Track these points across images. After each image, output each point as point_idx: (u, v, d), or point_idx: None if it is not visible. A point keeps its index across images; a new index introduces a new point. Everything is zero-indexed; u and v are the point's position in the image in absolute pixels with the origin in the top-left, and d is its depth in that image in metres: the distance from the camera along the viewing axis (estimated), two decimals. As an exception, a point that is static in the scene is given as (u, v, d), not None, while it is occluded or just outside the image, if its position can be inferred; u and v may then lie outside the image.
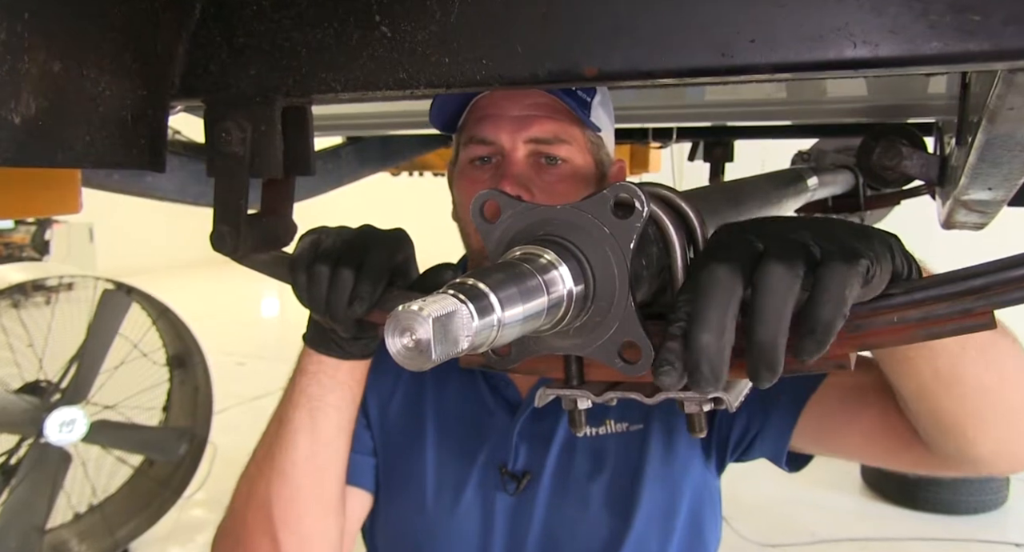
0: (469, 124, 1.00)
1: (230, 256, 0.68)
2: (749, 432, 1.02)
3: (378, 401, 1.09)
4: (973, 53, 0.44)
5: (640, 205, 0.42)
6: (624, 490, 1.04)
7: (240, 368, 6.03)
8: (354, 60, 0.61)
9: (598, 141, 1.02)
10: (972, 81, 0.83)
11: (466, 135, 1.00)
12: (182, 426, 3.44)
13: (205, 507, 3.81)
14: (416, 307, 0.34)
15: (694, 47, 0.50)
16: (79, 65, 0.62)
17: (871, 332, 0.49)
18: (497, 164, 0.98)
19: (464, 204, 1.01)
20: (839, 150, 2.18)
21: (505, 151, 0.96)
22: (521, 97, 0.96)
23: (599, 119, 1.00)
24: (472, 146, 0.98)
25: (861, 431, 0.93)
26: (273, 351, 6.57)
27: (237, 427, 4.69)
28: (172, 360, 3.49)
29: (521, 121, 0.96)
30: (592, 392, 0.55)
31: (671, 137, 2.12)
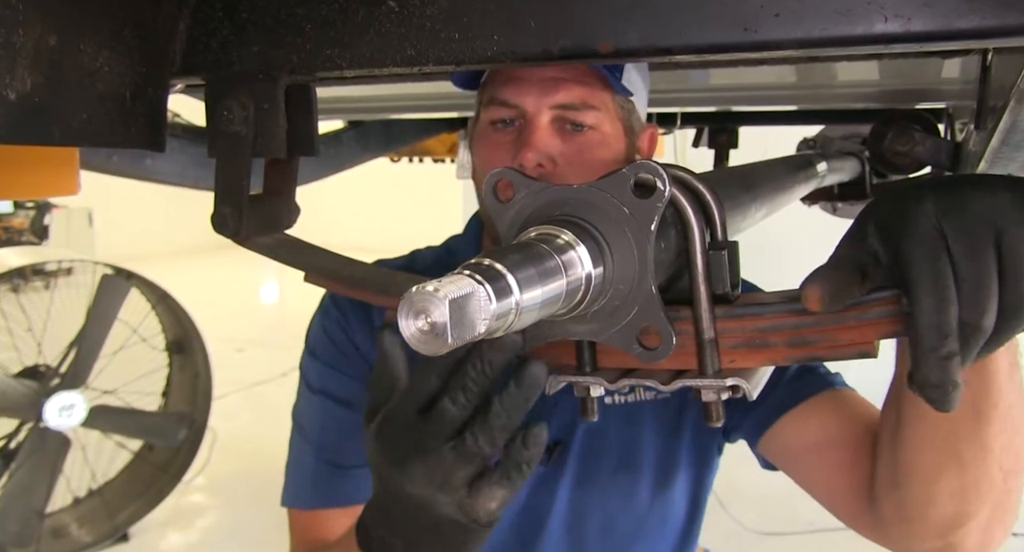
0: (492, 84, 0.94)
1: (232, 238, 0.66)
2: (732, 421, 1.03)
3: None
4: (1011, 27, 0.42)
5: (662, 185, 0.40)
6: (662, 456, 1.04)
7: (239, 354, 6.02)
8: (360, 36, 0.59)
9: (629, 106, 0.97)
10: (993, 64, 0.81)
11: (488, 95, 0.94)
12: (182, 411, 3.44)
13: (204, 492, 3.82)
14: (431, 288, 0.32)
15: (715, 22, 0.48)
16: (76, 39, 0.60)
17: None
18: (520, 128, 0.93)
19: (481, 166, 0.97)
20: (845, 137, 2.15)
21: (528, 116, 0.91)
22: None
23: (631, 82, 0.95)
24: (494, 108, 0.93)
25: (828, 462, 0.91)
26: (273, 337, 6.55)
27: (236, 413, 4.72)
28: (171, 345, 3.48)
29: (548, 85, 0.90)
30: (606, 379, 0.53)
31: (675, 123, 2.09)
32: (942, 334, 0.44)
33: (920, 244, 0.45)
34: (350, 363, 1.05)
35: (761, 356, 0.51)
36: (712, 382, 0.50)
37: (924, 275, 0.45)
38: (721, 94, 1.50)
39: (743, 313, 0.51)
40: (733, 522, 3.43)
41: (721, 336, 0.51)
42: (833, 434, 0.92)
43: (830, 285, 0.47)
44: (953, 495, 0.74)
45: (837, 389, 0.98)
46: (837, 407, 0.95)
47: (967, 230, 0.45)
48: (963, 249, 0.44)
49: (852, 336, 0.49)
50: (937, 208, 0.46)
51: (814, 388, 0.97)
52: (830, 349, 0.50)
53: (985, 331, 0.45)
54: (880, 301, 0.49)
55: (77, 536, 3.28)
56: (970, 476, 0.72)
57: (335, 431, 1.03)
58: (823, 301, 0.47)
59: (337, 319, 1.07)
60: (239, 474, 3.90)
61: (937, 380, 0.45)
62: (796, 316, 0.50)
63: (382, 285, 0.63)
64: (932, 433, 0.72)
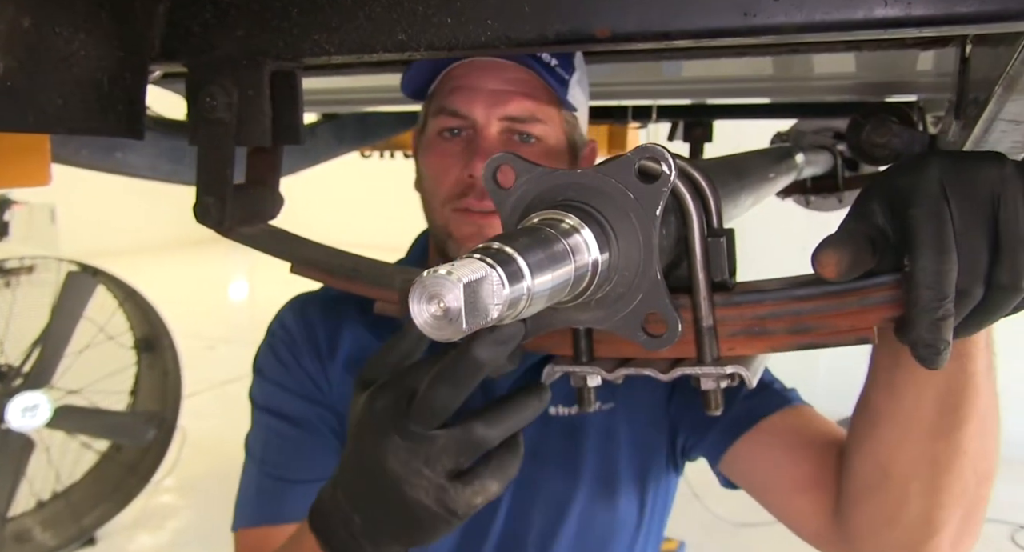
0: (441, 93, 0.95)
1: (215, 229, 0.65)
2: (689, 440, 1.03)
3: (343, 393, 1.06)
4: (1012, 11, 0.42)
5: (668, 169, 0.40)
6: (605, 468, 1.03)
7: (210, 352, 5.94)
8: (350, 21, 0.58)
9: (573, 121, 1.00)
10: (972, 55, 0.82)
11: (436, 104, 0.95)
12: (151, 410, 3.38)
13: (174, 493, 3.75)
14: (444, 271, 0.31)
15: (714, 6, 0.48)
16: (51, 22, 0.58)
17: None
18: (468, 138, 0.94)
19: (431, 176, 0.97)
20: (816, 131, 2.18)
21: (478, 126, 0.92)
22: (499, 71, 0.92)
23: (576, 98, 0.97)
24: (443, 117, 0.94)
25: (791, 481, 0.91)
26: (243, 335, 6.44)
27: (207, 412, 4.64)
28: (140, 343, 3.42)
29: (498, 96, 0.92)
30: (604, 369, 0.53)
31: (650, 117, 2.10)
32: (940, 295, 0.45)
33: (925, 206, 0.47)
34: (296, 382, 1.05)
35: (761, 343, 0.51)
36: (711, 370, 0.50)
37: (927, 235, 0.46)
38: (697, 86, 1.50)
39: (742, 300, 0.51)
40: (708, 513, 3.46)
41: (720, 324, 0.51)
42: (794, 453, 0.92)
43: (846, 251, 0.47)
44: (926, 496, 0.73)
45: (795, 406, 0.97)
46: (796, 424, 0.95)
47: (969, 196, 0.46)
48: (964, 214, 0.46)
49: (852, 322, 0.49)
50: (943, 174, 0.48)
51: (772, 406, 0.96)
52: (830, 335, 0.50)
53: (975, 297, 0.47)
54: (879, 286, 0.49)
55: (41, 540, 3.21)
56: (944, 478, 0.72)
57: (279, 447, 1.03)
58: (839, 267, 0.47)
59: (284, 340, 1.07)
60: (210, 474, 3.84)
61: (931, 339, 0.46)
62: (796, 303, 0.50)
63: (373, 276, 0.62)
64: (909, 431, 0.71)
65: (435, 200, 0.97)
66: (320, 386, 1.05)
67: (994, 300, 0.47)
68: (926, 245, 0.46)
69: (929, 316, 0.46)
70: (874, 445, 0.75)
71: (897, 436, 0.72)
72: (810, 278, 0.52)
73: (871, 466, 0.77)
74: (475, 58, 0.93)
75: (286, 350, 1.07)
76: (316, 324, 1.08)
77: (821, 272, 0.47)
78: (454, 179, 0.94)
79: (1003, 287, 0.46)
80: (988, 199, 0.46)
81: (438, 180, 0.96)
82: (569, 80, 0.95)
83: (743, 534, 3.48)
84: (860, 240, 0.48)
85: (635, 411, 1.04)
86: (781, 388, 1.00)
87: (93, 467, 3.40)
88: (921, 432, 0.70)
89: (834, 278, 0.47)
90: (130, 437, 3.23)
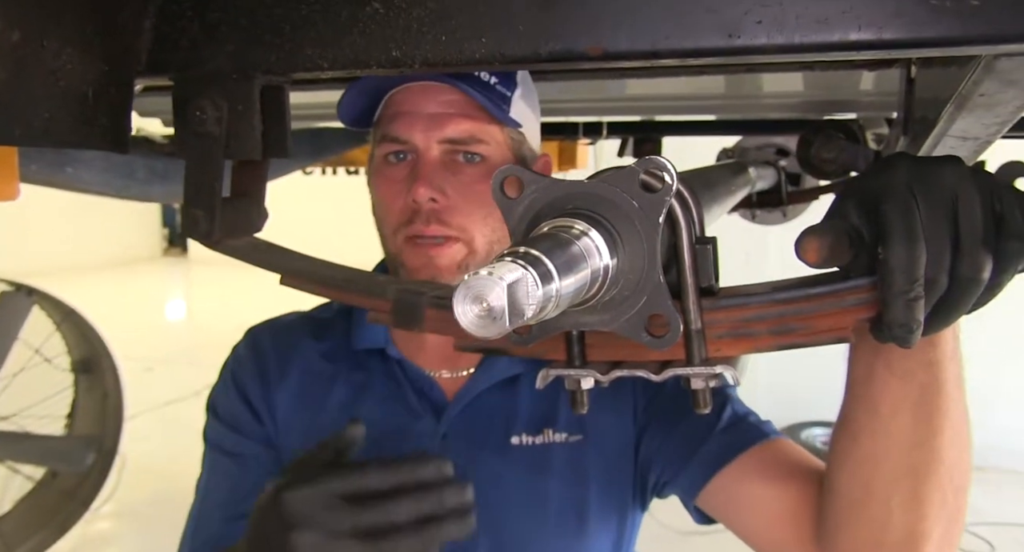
0: (384, 120, 0.96)
1: (203, 241, 0.65)
2: (663, 477, 1.03)
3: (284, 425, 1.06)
4: (971, 37, 0.46)
5: (670, 180, 0.43)
6: (573, 502, 1.03)
7: (148, 374, 5.77)
8: (343, 37, 0.59)
9: (520, 137, 1.00)
10: (917, 76, 0.88)
11: (380, 131, 0.96)
12: (89, 434, 3.27)
13: (114, 519, 3.63)
14: (486, 272, 0.33)
15: (701, 27, 0.51)
16: (40, 36, 0.58)
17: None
18: (412, 163, 0.94)
19: (380, 203, 0.98)
20: (759, 148, 2.27)
21: (419, 151, 0.93)
22: (435, 93, 0.93)
23: (521, 114, 0.98)
24: (386, 144, 0.95)
25: (771, 514, 0.92)
26: (183, 355, 6.30)
27: (147, 435, 4.50)
28: (77, 365, 3.31)
29: (435, 120, 0.93)
30: (598, 371, 0.55)
31: (601, 133, 2.15)
32: (912, 278, 0.50)
33: (895, 201, 0.51)
34: (235, 415, 1.06)
35: (745, 344, 0.54)
36: (701, 370, 0.53)
37: (899, 227, 0.51)
38: (652, 103, 1.55)
39: (727, 304, 0.54)
40: (655, 522, 3.51)
41: (707, 326, 0.54)
42: (773, 487, 0.92)
43: (826, 239, 0.52)
44: (908, 510, 0.75)
45: (772, 439, 0.98)
46: (775, 457, 0.95)
47: (933, 194, 0.51)
48: (930, 210, 0.51)
49: (830, 322, 0.53)
50: (909, 175, 0.53)
51: (750, 440, 0.97)
52: (810, 335, 0.53)
53: (942, 286, 0.51)
54: (855, 289, 0.53)
55: (-28, 573, 3.07)
56: (923, 489, 0.74)
57: (215, 480, 1.04)
58: (820, 253, 0.52)
59: (235, 374, 1.08)
60: (151, 499, 3.72)
61: (904, 319, 0.51)
62: (778, 306, 0.54)
63: (365, 286, 0.63)
64: (888, 443, 0.73)
65: (386, 228, 0.98)
66: (261, 418, 1.05)
67: (958, 291, 0.51)
68: (898, 235, 0.50)
69: (903, 297, 0.50)
70: (856, 459, 0.77)
71: (877, 449, 0.74)
72: (789, 283, 0.56)
73: (854, 484, 0.78)
74: (411, 83, 0.93)
75: (233, 383, 1.07)
76: (267, 352, 1.08)
77: (804, 257, 0.52)
78: (400, 206, 0.94)
79: (965, 278, 0.51)
80: (949, 197, 0.51)
81: (387, 207, 0.97)
82: (511, 96, 0.96)
83: (690, 541, 3.54)
84: (839, 231, 0.52)
85: (604, 444, 1.04)
86: (757, 421, 1.01)
87: (27, 495, 3.27)
88: (900, 443, 0.72)
89: (814, 263, 0.52)
90: (66, 462, 3.12)
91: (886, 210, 0.51)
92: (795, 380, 3.41)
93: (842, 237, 0.52)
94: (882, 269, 0.51)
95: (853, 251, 0.52)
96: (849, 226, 0.53)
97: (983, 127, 0.70)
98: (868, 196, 0.53)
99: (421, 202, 0.91)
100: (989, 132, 0.72)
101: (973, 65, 0.56)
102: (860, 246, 0.52)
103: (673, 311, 0.44)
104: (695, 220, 0.56)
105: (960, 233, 0.51)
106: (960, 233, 0.51)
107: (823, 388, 0.78)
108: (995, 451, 4.20)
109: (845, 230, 0.52)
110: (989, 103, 0.60)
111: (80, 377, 3.32)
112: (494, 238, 0.96)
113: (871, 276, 0.52)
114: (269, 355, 1.08)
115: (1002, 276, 0.51)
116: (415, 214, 0.93)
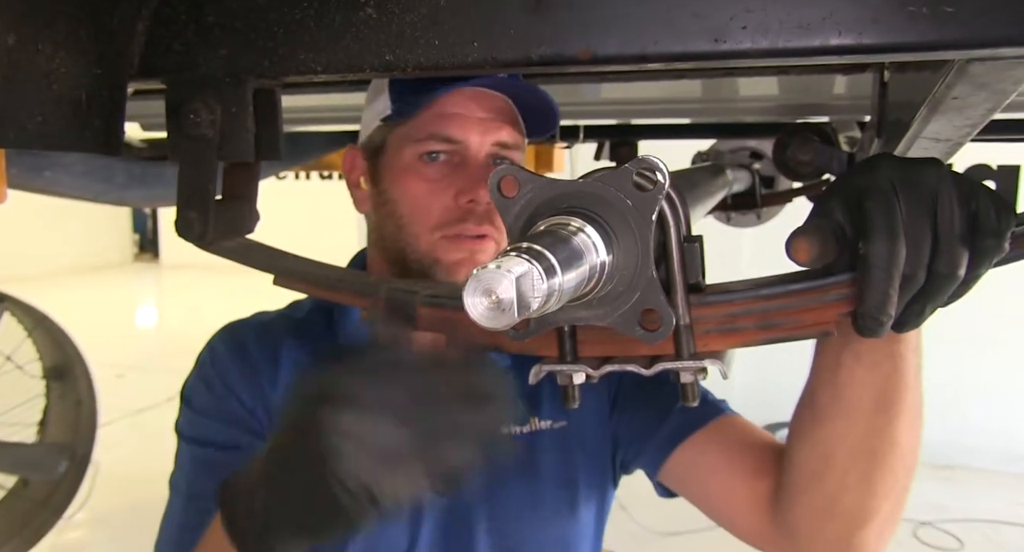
0: (426, 119, 0.96)
1: (196, 242, 0.66)
2: (628, 453, 1.07)
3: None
4: (946, 42, 0.49)
5: (663, 179, 0.44)
6: (564, 485, 1.06)
7: (120, 380, 5.70)
8: (337, 41, 0.60)
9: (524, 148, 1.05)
10: (891, 81, 0.91)
11: (424, 130, 0.96)
12: (61, 442, 3.21)
13: (87, 528, 3.58)
14: (494, 266, 0.34)
15: (688, 32, 0.53)
16: (34, 39, 0.59)
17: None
18: (455, 163, 0.95)
19: (411, 201, 0.97)
20: (733, 151, 2.31)
21: (470, 152, 0.96)
22: (485, 100, 0.96)
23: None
24: (431, 142, 0.95)
25: (729, 484, 0.96)
26: (154, 362, 6.22)
27: (120, 442, 4.45)
28: (50, 372, 3.25)
29: (488, 123, 0.96)
30: (589, 366, 0.57)
31: (578, 137, 2.18)
32: (889, 274, 0.53)
33: (879, 199, 0.54)
34: (227, 410, 1.03)
35: (732, 339, 0.56)
36: (690, 364, 0.55)
37: (881, 223, 0.53)
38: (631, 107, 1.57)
39: (714, 300, 0.56)
40: (634, 523, 3.54)
41: (695, 322, 0.56)
42: (730, 458, 0.97)
43: (816, 239, 0.54)
44: (861, 487, 0.80)
45: (728, 415, 1.03)
46: (730, 432, 1.00)
47: (914, 193, 0.54)
48: (910, 208, 0.54)
49: (814, 317, 0.55)
50: (892, 173, 0.55)
51: (707, 416, 1.02)
52: (795, 329, 0.55)
53: (919, 281, 0.54)
54: (837, 284, 0.55)
55: (-60, 585, 3.00)
56: (878, 470, 0.78)
57: (208, 475, 0.99)
58: (810, 253, 0.54)
59: (216, 368, 1.05)
60: (124, 507, 3.67)
61: (877, 312, 0.53)
62: (763, 301, 0.55)
63: (357, 286, 0.64)
64: (850, 426, 0.77)
65: (418, 226, 0.96)
66: (256, 415, 1.03)
67: (934, 286, 0.54)
68: (880, 231, 0.53)
69: (880, 291, 0.53)
70: (817, 439, 0.81)
71: (838, 430, 0.78)
72: (773, 279, 0.58)
73: (813, 459, 0.82)
74: (462, 87, 0.95)
75: (217, 378, 1.04)
76: (251, 351, 1.06)
77: (795, 257, 0.54)
78: (444, 205, 0.95)
79: (942, 274, 0.53)
80: (929, 196, 0.54)
81: (423, 206, 0.96)
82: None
83: (669, 542, 3.58)
84: (826, 231, 0.55)
85: (585, 427, 1.08)
86: (714, 399, 1.06)
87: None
88: (861, 426, 0.76)
89: (805, 262, 0.54)
90: (38, 471, 3.07)
91: (869, 207, 0.53)
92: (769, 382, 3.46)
93: (828, 237, 0.54)
94: (862, 264, 0.53)
95: (839, 249, 0.54)
96: (834, 224, 0.55)
97: (955, 129, 0.73)
98: (852, 194, 0.55)
99: (482, 202, 0.94)
100: (960, 134, 0.75)
101: (946, 69, 0.58)
102: (843, 243, 0.54)
103: (666, 306, 0.46)
104: (682, 219, 0.58)
105: (939, 230, 0.53)
106: (939, 230, 0.53)
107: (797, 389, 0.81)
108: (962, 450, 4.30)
109: (831, 229, 0.54)
110: (961, 106, 0.63)
111: (52, 384, 3.27)
112: (505, 241, 0.99)
113: (852, 272, 0.55)
114: (255, 356, 1.06)
115: (976, 272, 0.54)
116: (467, 214, 0.94)
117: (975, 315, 3.97)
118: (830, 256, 0.54)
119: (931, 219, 0.53)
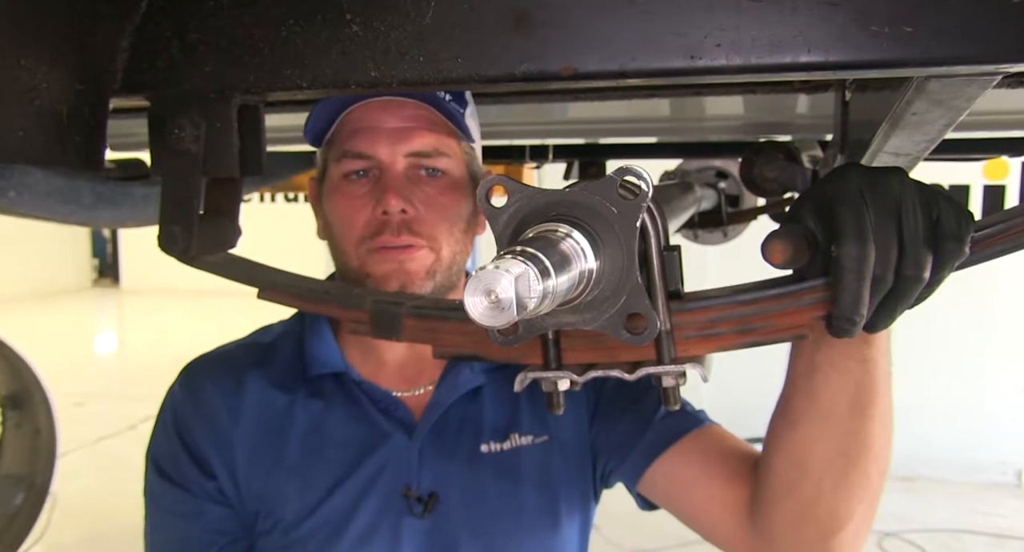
0: (340, 137, 0.96)
1: (179, 257, 0.66)
2: (609, 466, 1.08)
3: (222, 451, 1.04)
4: (906, 60, 0.52)
5: (646, 187, 0.46)
6: (547, 500, 1.06)
7: (79, 409, 5.55)
8: (322, 57, 0.61)
9: (472, 152, 1.03)
10: (851, 99, 0.95)
11: (338, 150, 0.96)
12: (18, 473, 3.12)
13: (44, 562, 3.46)
14: (492, 267, 0.35)
15: (665, 49, 0.55)
16: (17, 54, 0.59)
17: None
18: (375, 178, 0.95)
19: (339, 220, 0.97)
20: (699, 170, 2.35)
21: (384, 165, 0.94)
22: (397, 109, 0.95)
23: (473, 130, 1.02)
24: (346, 161, 0.95)
25: (708, 494, 0.98)
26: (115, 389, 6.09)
27: (79, 473, 4.33)
28: (6, 401, 3.17)
29: (400, 134, 0.94)
30: (574, 373, 0.58)
31: (547, 157, 2.20)
32: (860, 276, 0.55)
33: (848, 205, 0.57)
34: (191, 479, 1.03)
35: (712, 344, 0.58)
36: (671, 368, 0.56)
37: (851, 226, 0.56)
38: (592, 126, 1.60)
39: (693, 306, 0.58)
40: (605, 541, 3.54)
41: (675, 328, 0.58)
42: (709, 468, 0.99)
43: (789, 242, 0.57)
44: (837, 491, 0.82)
45: (707, 426, 1.04)
46: (709, 442, 1.02)
47: (881, 199, 0.57)
48: (878, 213, 0.56)
49: (789, 321, 0.57)
50: (860, 181, 0.58)
51: (686, 427, 1.03)
52: (771, 333, 0.57)
53: (888, 283, 0.57)
54: (811, 289, 0.57)
55: None
56: (852, 473, 0.81)
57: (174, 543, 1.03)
58: (784, 254, 0.57)
59: (179, 425, 1.05)
60: (83, 540, 3.57)
61: (851, 312, 0.56)
62: (740, 307, 0.57)
63: (343, 298, 0.65)
64: (825, 429, 0.79)
65: (346, 243, 0.97)
66: (210, 465, 1.03)
67: (902, 288, 0.57)
68: (851, 235, 0.56)
69: (851, 292, 0.55)
70: (793, 443, 0.83)
71: (814, 434, 0.80)
72: (749, 286, 0.60)
73: (790, 464, 0.84)
74: (370, 99, 0.94)
75: (177, 437, 1.05)
76: (210, 393, 1.05)
77: (770, 259, 0.57)
78: (365, 219, 0.94)
79: (908, 276, 0.56)
80: (894, 203, 0.57)
81: (349, 222, 0.96)
82: (464, 113, 0.99)
83: (639, 560, 3.59)
84: (798, 234, 0.58)
85: (566, 442, 1.08)
86: (692, 410, 1.07)
87: (-49, 539, 3.10)
88: (835, 430, 0.79)
89: (780, 264, 0.56)
90: (-7, 503, 2.98)
91: (840, 212, 0.56)
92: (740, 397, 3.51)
93: (801, 240, 0.56)
94: (835, 266, 0.56)
95: (811, 252, 0.56)
96: (806, 228, 0.57)
97: (913, 144, 0.76)
98: (822, 201, 0.58)
99: (392, 212, 0.92)
100: (918, 149, 0.79)
101: (906, 87, 0.61)
102: (815, 247, 0.57)
103: (651, 309, 0.48)
104: (661, 229, 0.60)
105: (904, 234, 0.56)
106: (904, 234, 0.56)
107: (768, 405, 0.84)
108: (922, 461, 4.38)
109: (804, 233, 0.57)
110: (919, 122, 0.66)
111: (9, 413, 3.18)
112: (457, 249, 0.98)
113: (825, 277, 0.57)
114: (213, 396, 1.05)
115: (940, 274, 0.57)
116: (383, 226, 0.93)
117: (935, 331, 4.08)
118: (803, 258, 0.56)
119: (897, 224, 0.56)
